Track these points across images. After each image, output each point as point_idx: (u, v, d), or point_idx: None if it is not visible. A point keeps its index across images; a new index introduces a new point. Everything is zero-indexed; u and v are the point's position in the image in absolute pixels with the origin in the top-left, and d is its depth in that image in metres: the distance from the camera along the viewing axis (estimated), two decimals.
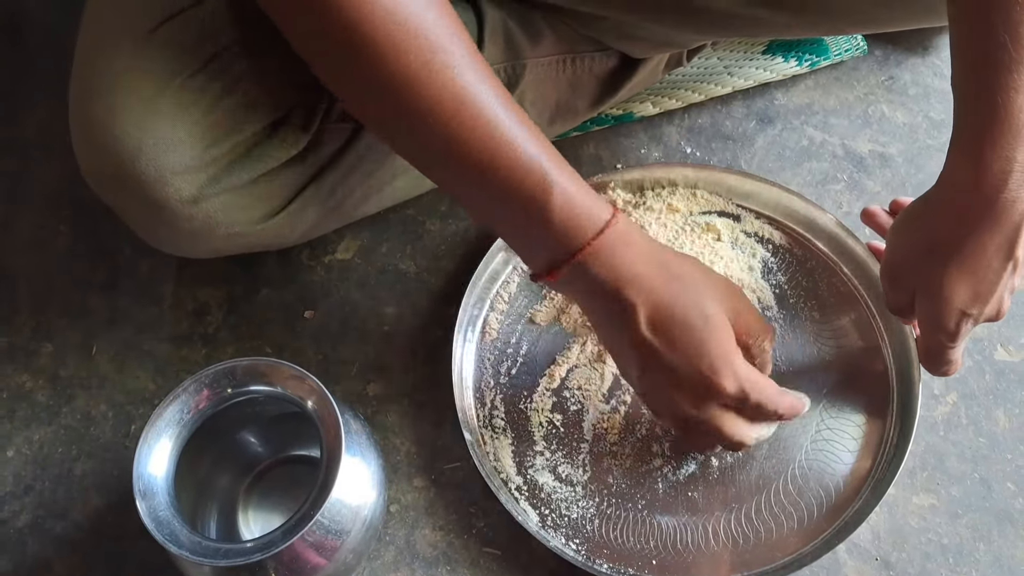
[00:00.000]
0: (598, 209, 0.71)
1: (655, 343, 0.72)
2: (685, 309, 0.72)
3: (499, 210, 0.71)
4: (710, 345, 0.72)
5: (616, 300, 0.72)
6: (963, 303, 0.72)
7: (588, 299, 0.75)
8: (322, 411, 0.74)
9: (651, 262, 0.73)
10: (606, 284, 0.72)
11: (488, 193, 0.69)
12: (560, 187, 0.69)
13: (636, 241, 0.73)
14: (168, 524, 0.71)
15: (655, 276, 0.72)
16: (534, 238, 0.72)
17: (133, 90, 0.73)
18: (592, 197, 0.71)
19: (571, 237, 0.70)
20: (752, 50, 1.10)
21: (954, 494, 0.89)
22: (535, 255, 0.73)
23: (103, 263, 1.01)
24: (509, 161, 0.67)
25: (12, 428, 0.93)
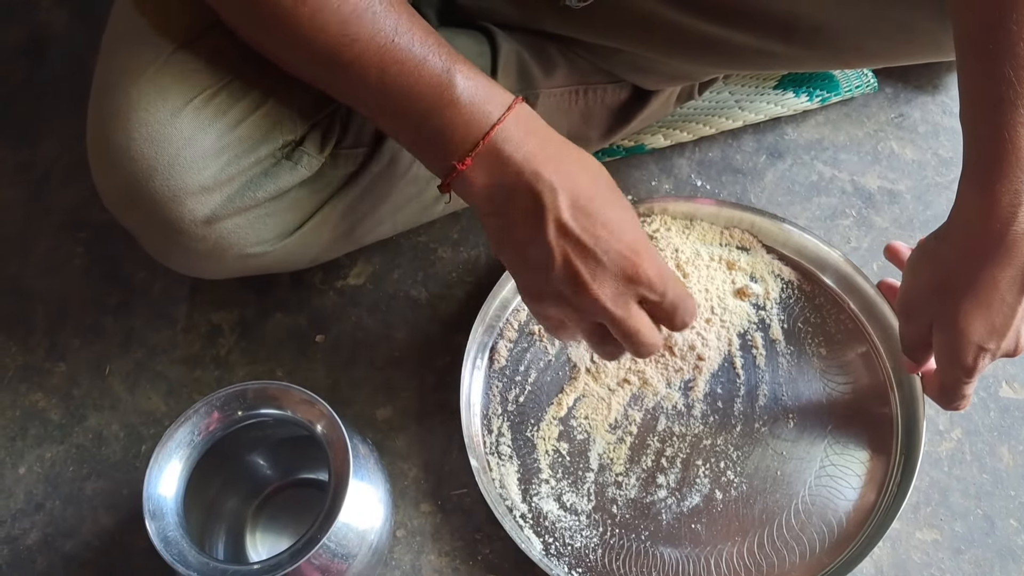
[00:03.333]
0: (500, 91, 0.70)
1: (576, 227, 0.69)
2: (604, 192, 0.71)
3: (402, 104, 0.70)
4: (632, 228, 0.71)
5: (533, 185, 0.69)
6: (980, 337, 0.72)
7: (499, 191, 0.70)
8: (331, 435, 0.75)
9: (560, 145, 0.71)
10: (522, 167, 0.69)
11: (389, 90, 0.69)
12: (462, 67, 0.69)
13: (542, 124, 0.71)
14: (177, 544, 0.72)
15: (567, 159, 0.70)
16: (441, 125, 0.69)
17: (149, 112, 0.74)
18: (492, 81, 0.71)
19: (480, 115, 0.69)
20: (763, 85, 1.11)
21: (957, 530, 0.90)
22: (444, 145, 0.70)
23: (118, 285, 1.02)
24: (405, 51, 0.68)
25: (24, 446, 0.94)
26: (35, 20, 1.21)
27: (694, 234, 0.99)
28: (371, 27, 0.67)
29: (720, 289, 0.97)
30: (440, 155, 0.71)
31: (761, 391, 0.93)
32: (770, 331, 0.96)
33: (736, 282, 0.98)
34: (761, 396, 0.93)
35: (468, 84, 0.69)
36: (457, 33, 0.91)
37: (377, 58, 0.68)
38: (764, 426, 0.91)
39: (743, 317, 0.96)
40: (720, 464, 0.90)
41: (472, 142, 0.69)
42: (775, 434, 0.91)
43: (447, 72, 0.68)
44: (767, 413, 0.92)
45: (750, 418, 0.92)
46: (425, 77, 0.68)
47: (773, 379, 0.93)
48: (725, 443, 0.91)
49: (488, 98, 0.69)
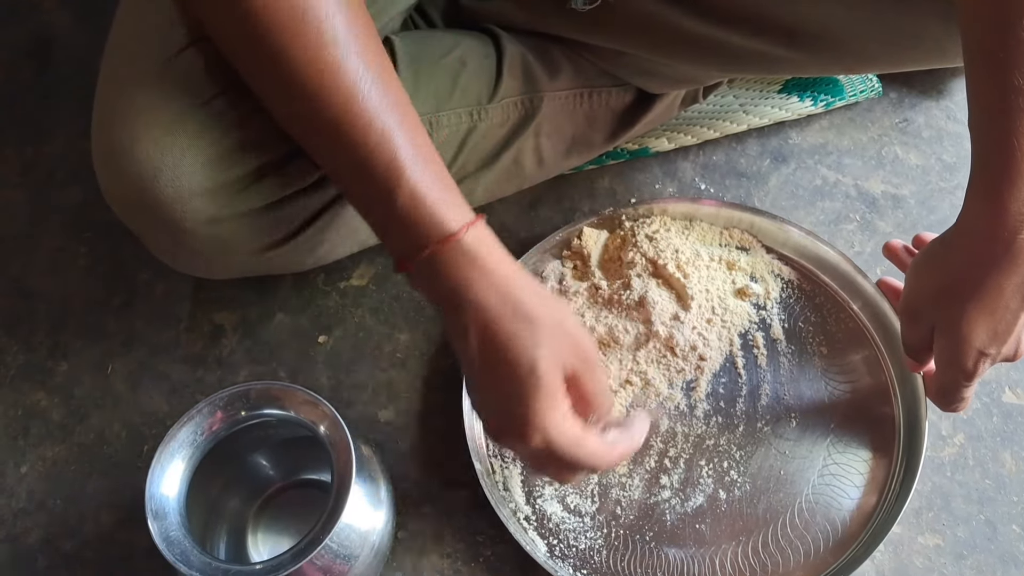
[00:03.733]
0: (449, 214, 0.68)
1: (478, 376, 0.69)
2: (515, 354, 0.67)
3: (356, 193, 0.70)
4: (528, 399, 0.67)
5: (454, 314, 0.69)
6: (981, 342, 0.73)
7: (434, 299, 0.72)
8: (334, 436, 0.75)
9: (497, 292, 0.68)
10: (448, 296, 0.69)
11: (342, 173, 0.69)
12: (410, 181, 0.67)
13: (486, 262, 0.68)
14: (179, 544, 0.72)
15: (496, 307, 0.68)
16: (381, 226, 0.70)
17: (154, 114, 0.74)
18: (446, 200, 0.68)
19: (415, 236, 0.68)
20: (768, 89, 1.12)
21: (959, 535, 0.89)
22: (386, 241, 0.71)
23: (121, 285, 1.02)
24: (358, 141, 0.67)
25: (26, 445, 0.94)
26: (39, 21, 1.22)
27: (694, 235, 0.99)
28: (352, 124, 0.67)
29: (720, 289, 0.97)
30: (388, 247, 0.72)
31: (763, 391, 0.93)
32: (771, 331, 0.96)
33: (736, 282, 0.98)
34: (763, 396, 0.93)
35: (408, 200, 0.67)
36: (463, 35, 0.91)
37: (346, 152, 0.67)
38: (767, 426, 0.91)
39: (744, 317, 0.96)
40: (723, 464, 0.90)
41: (407, 256, 0.69)
42: (778, 433, 0.91)
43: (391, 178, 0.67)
44: (769, 413, 0.92)
45: (752, 418, 0.92)
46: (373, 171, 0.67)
47: (775, 379, 0.94)
48: (728, 443, 0.91)
49: (425, 221, 0.67)
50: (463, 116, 0.88)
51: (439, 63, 0.87)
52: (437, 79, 0.86)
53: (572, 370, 0.69)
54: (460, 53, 0.88)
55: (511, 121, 0.91)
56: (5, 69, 1.18)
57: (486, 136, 0.90)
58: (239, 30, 0.67)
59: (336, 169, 0.71)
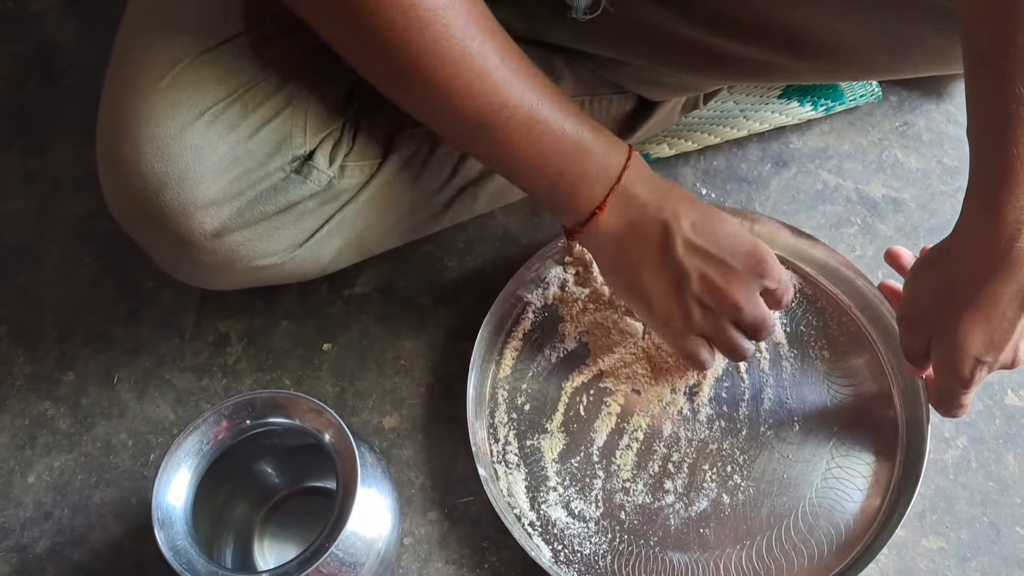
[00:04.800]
0: (616, 138, 0.80)
1: (702, 242, 0.79)
2: (712, 212, 0.81)
3: (543, 161, 0.77)
4: (744, 234, 0.81)
5: (658, 216, 0.79)
6: (978, 350, 0.73)
7: (630, 228, 0.80)
8: (339, 444, 0.75)
9: (667, 182, 0.82)
10: (647, 204, 0.79)
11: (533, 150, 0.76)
12: (587, 122, 0.77)
13: (647, 166, 0.82)
14: (185, 553, 0.72)
15: (676, 191, 0.81)
16: (580, 175, 0.78)
17: (159, 126, 0.74)
18: (609, 131, 0.80)
19: (610, 164, 0.78)
20: (768, 94, 1.12)
21: (963, 537, 0.90)
22: (581, 194, 0.79)
23: (126, 294, 1.03)
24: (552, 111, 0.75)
25: (33, 455, 0.95)
26: (44, 31, 1.22)
27: None
28: (520, 94, 0.73)
29: None
30: (577, 205, 0.80)
31: (766, 395, 0.93)
32: (773, 335, 0.96)
33: None
34: (766, 400, 0.93)
35: (597, 137, 0.78)
36: None
37: (524, 120, 0.74)
38: (769, 430, 0.92)
39: None
40: (727, 468, 0.90)
41: (606, 189, 0.79)
42: (781, 437, 0.91)
43: (581, 128, 0.77)
44: (772, 417, 0.92)
45: (755, 422, 0.92)
46: (567, 135, 0.76)
47: (777, 383, 0.94)
48: (731, 447, 0.91)
49: (612, 148, 0.79)
50: None
51: None
52: None
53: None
54: None
55: None
56: (11, 79, 1.19)
57: None
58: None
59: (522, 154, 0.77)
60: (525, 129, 0.74)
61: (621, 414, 0.93)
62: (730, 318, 0.82)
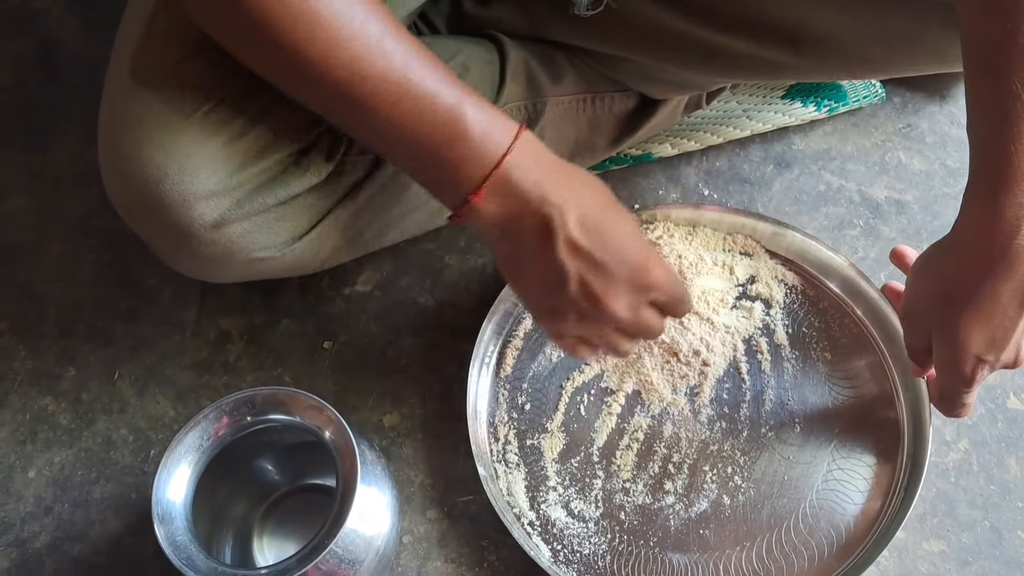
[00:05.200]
0: (506, 119, 0.71)
1: (587, 244, 0.71)
2: (609, 209, 0.74)
3: (415, 138, 0.70)
4: (637, 239, 0.74)
5: (542, 208, 0.71)
6: (979, 349, 0.73)
7: (510, 219, 0.72)
8: (339, 441, 0.75)
9: (564, 167, 0.73)
10: (530, 193, 0.71)
11: (400, 126, 0.70)
12: (471, 100, 0.69)
13: (544, 149, 0.73)
14: (185, 549, 0.72)
15: (572, 181, 0.73)
16: (454, 157, 0.71)
17: (159, 119, 0.75)
18: (499, 110, 0.72)
19: (491, 146, 0.70)
20: (771, 94, 1.12)
21: (964, 541, 0.89)
22: (457, 176, 0.71)
23: (128, 291, 1.03)
24: (417, 86, 0.68)
25: (34, 450, 0.95)
26: (46, 28, 1.22)
27: (697, 240, 1.00)
28: (383, 64, 0.68)
29: (724, 295, 0.97)
30: (452, 188, 0.72)
31: (767, 396, 0.93)
32: (775, 336, 0.96)
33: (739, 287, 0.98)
34: (767, 401, 0.93)
35: (478, 116, 0.69)
36: (466, 42, 0.92)
37: (389, 94, 0.68)
38: (770, 431, 0.91)
39: (747, 322, 0.96)
40: (727, 469, 0.90)
41: (483, 173, 0.70)
42: (781, 439, 0.91)
43: (458, 105, 0.69)
44: (773, 418, 0.92)
45: (756, 423, 0.92)
46: (438, 112, 0.69)
47: (779, 384, 0.94)
48: (732, 448, 0.91)
49: (496, 128, 0.70)
50: None
51: None
52: None
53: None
54: (463, 59, 0.89)
55: None
56: (13, 76, 1.19)
57: None
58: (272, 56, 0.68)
59: (392, 132, 0.70)
60: (389, 106, 0.68)
61: (621, 414, 0.92)
62: (609, 326, 0.77)
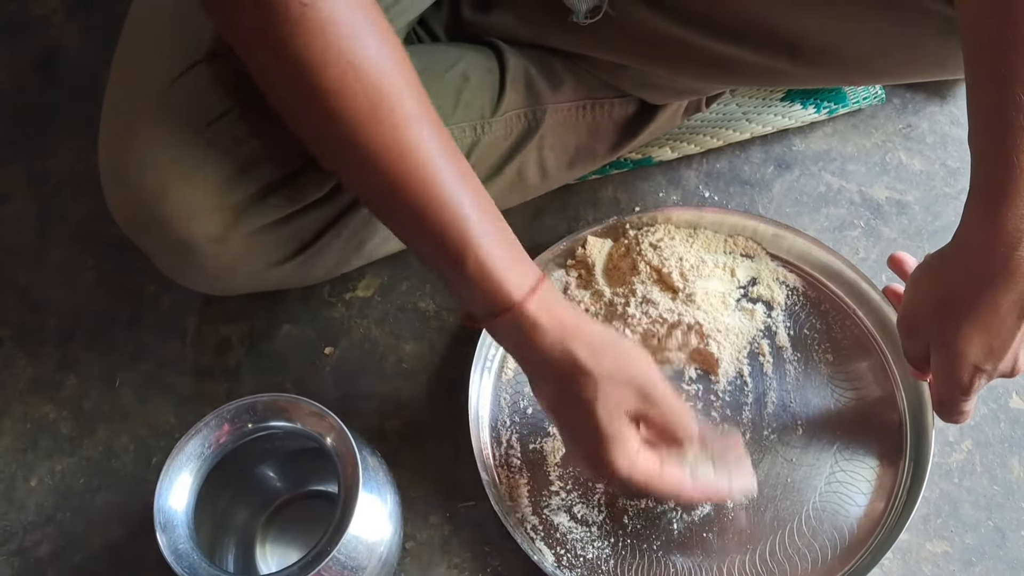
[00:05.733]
0: (513, 282, 0.72)
1: (557, 421, 0.79)
2: (578, 411, 0.74)
3: (429, 259, 0.74)
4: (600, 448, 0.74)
5: (526, 369, 0.77)
6: (977, 358, 0.73)
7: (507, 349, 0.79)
8: (340, 447, 0.75)
9: (558, 352, 0.73)
10: (517, 356, 0.76)
11: (419, 242, 0.73)
12: (477, 254, 0.70)
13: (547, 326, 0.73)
14: (187, 557, 0.72)
15: (556, 368, 0.73)
16: (453, 287, 0.74)
17: (161, 132, 0.75)
18: (509, 267, 0.72)
19: (483, 303, 0.72)
20: (771, 97, 1.12)
21: (968, 542, 0.89)
22: (463, 302, 0.78)
23: (128, 298, 1.03)
24: (434, 218, 0.69)
25: (35, 458, 0.94)
26: (47, 35, 1.22)
27: (698, 243, 0.99)
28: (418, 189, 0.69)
29: (725, 297, 0.97)
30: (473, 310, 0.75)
31: (769, 398, 0.93)
32: (776, 338, 0.96)
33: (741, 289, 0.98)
34: (769, 403, 0.93)
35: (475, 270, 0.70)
36: (466, 49, 0.92)
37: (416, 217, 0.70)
38: (773, 433, 0.91)
39: (749, 325, 0.96)
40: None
41: (480, 317, 0.74)
42: (784, 441, 0.91)
43: (461, 250, 0.70)
44: (776, 420, 0.92)
45: (759, 426, 0.92)
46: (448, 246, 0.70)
47: (781, 386, 0.93)
48: None
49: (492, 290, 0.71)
50: (466, 130, 0.89)
51: (442, 77, 0.88)
52: (440, 94, 0.86)
53: (635, 411, 0.75)
54: (463, 67, 0.89)
55: (514, 134, 0.92)
56: (14, 82, 1.19)
57: (489, 149, 0.91)
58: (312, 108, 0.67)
59: (408, 233, 0.74)
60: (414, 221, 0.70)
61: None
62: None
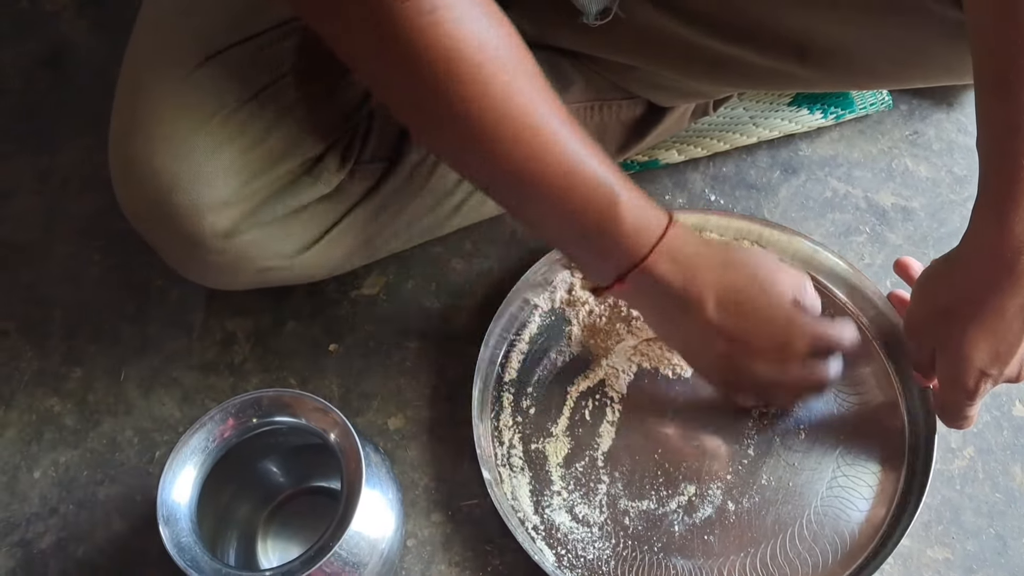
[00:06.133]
0: (658, 213, 0.74)
1: (726, 324, 0.77)
2: (750, 287, 0.77)
3: (572, 226, 0.73)
4: (781, 313, 0.78)
5: (682, 295, 0.76)
6: (983, 363, 0.73)
7: (654, 300, 0.78)
8: (344, 444, 0.75)
9: (707, 252, 0.77)
10: (671, 283, 0.75)
11: (561, 211, 0.72)
12: (627, 195, 0.72)
13: (690, 237, 0.76)
14: (190, 550, 0.72)
15: (715, 268, 0.76)
16: (604, 249, 0.74)
17: (172, 126, 0.75)
18: (652, 203, 0.74)
19: (640, 242, 0.73)
20: (778, 101, 1.12)
21: (969, 549, 0.89)
22: (604, 265, 0.76)
23: (134, 292, 1.03)
24: (583, 177, 0.70)
25: (39, 450, 0.95)
26: (56, 31, 1.22)
27: None
28: (561, 152, 0.69)
29: None
30: (598, 272, 0.78)
31: None
32: None
33: None
34: (772, 407, 0.92)
35: (631, 211, 0.72)
36: None
37: (561, 179, 0.70)
38: (775, 437, 0.91)
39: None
40: (732, 475, 0.90)
41: (629, 265, 0.74)
42: (787, 445, 0.91)
43: (616, 201, 0.71)
44: (779, 424, 0.92)
45: (762, 429, 0.92)
46: (595, 204, 0.71)
47: None
48: (737, 454, 0.91)
49: (647, 223, 0.74)
50: None
51: None
52: None
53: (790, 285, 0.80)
54: None
55: None
56: (22, 78, 1.19)
57: None
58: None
59: (552, 216, 0.74)
60: (560, 188, 0.70)
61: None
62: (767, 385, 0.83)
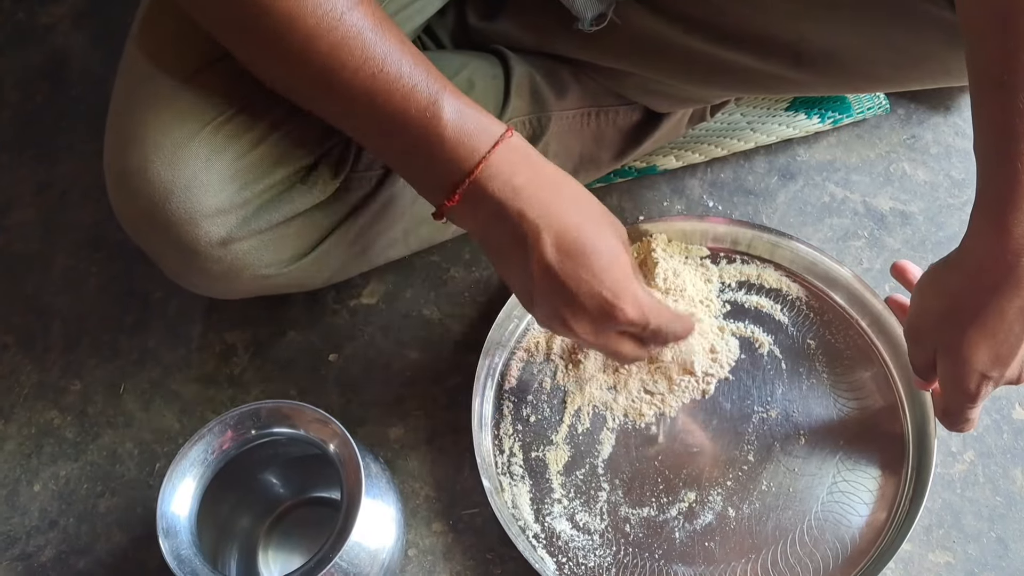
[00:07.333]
0: (490, 124, 0.71)
1: (558, 269, 0.72)
2: (590, 236, 0.72)
3: (391, 135, 0.71)
4: (614, 271, 0.73)
5: (519, 224, 0.71)
6: (984, 366, 0.73)
7: (490, 225, 0.73)
8: (343, 454, 0.75)
9: (550, 185, 0.73)
10: (507, 205, 0.71)
11: (377, 117, 0.70)
12: (450, 101, 0.69)
13: (533, 159, 0.73)
14: (190, 563, 0.72)
15: (555, 200, 0.72)
16: (428, 158, 0.71)
17: (166, 135, 0.75)
18: (483, 113, 0.71)
19: (466, 151, 0.70)
20: (775, 106, 1.12)
21: (970, 552, 0.89)
22: (432, 178, 0.73)
23: (133, 304, 1.03)
24: (395, 79, 0.69)
25: (39, 463, 0.95)
26: (54, 43, 1.23)
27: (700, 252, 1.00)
28: (360, 54, 0.68)
29: (726, 306, 0.97)
30: (428, 190, 0.74)
31: (772, 408, 0.93)
32: (779, 348, 0.96)
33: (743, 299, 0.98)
34: (772, 413, 0.93)
35: (455, 117, 0.70)
36: (471, 56, 0.92)
37: (366, 86, 0.69)
38: (775, 442, 0.91)
39: (752, 334, 0.96)
40: (732, 481, 0.90)
41: (456, 179, 0.71)
42: (787, 451, 0.91)
43: (434, 104, 0.69)
44: (779, 430, 0.92)
45: (762, 435, 0.91)
46: (412, 109, 0.69)
47: (783, 396, 0.93)
48: (737, 460, 0.91)
49: (476, 132, 0.71)
50: None
51: None
52: None
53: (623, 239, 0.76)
54: (468, 74, 0.89)
55: None
56: (20, 90, 1.20)
57: None
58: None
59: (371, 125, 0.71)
60: (367, 98, 0.69)
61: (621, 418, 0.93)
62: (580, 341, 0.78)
